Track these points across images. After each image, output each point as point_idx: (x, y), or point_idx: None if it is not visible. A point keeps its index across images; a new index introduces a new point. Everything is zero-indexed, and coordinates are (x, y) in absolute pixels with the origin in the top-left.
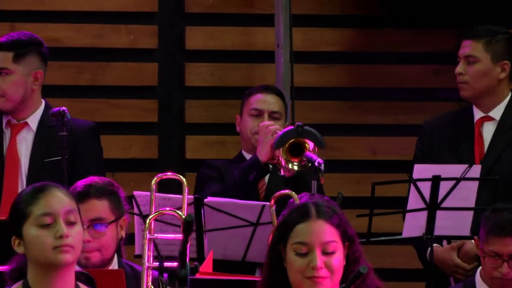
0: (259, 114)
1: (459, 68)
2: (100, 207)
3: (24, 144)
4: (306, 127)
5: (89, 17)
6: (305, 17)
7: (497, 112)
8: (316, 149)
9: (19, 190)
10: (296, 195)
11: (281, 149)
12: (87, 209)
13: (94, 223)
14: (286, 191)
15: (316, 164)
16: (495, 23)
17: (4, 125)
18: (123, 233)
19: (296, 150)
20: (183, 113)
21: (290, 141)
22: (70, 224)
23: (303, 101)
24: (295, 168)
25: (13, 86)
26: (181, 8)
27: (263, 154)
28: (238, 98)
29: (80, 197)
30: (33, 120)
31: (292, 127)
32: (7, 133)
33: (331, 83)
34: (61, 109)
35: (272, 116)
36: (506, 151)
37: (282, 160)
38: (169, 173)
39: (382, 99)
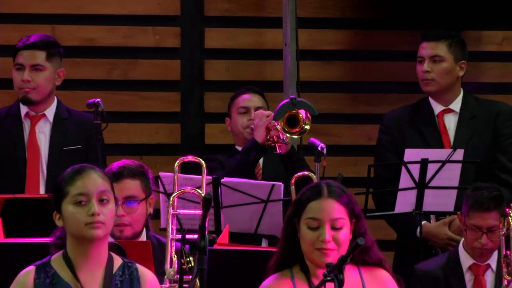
0: (246, 111)
1: (426, 67)
2: (133, 186)
3: (43, 134)
4: (299, 98)
5: (120, 20)
6: (310, 19)
7: (456, 105)
8: (309, 115)
9: (40, 175)
10: (314, 176)
11: (279, 121)
12: (121, 187)
13: (127, 200)
14: (306, 172)
15: (319, 148)
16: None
17: (23, 116)
18: (151, 210)
19: (293, 122)
20: (202, 104)
21: (287, 113)
22: (103, 202)
23: (308, 93)
24: (294, 137)
25: (45, 81)
26: (201, 12)
27: (259, 135)
28: None
29: (115, 177)
30: (50, 113)
31: (288, 100)
32: (26, 124)
33: (332, 78)
34: (96, 100)
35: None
36: (472, 139)
37: (281, 132)
38: (190, 157)
39: (376, 92)
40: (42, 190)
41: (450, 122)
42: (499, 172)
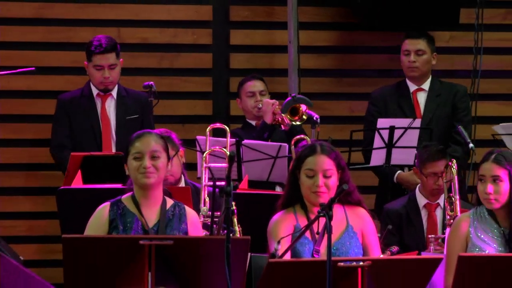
0: (253, 95)
1: (413, 58)
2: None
3: (111, 108)
4: (298, 96)
5: (167, 24)
6: (308, 23)
7: (426, 85)
8: (307, 108)
9: (111, 139)
10: (308, 137)
11: (285, 113)
12: None
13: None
14: (301, 136)
15: (314, 118)
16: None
17: (95, 96)
18: (183, 159)
19: (294, 112)
20: (228, 85)
21: (291, 105)
22: (154, 158)
23: (306, 78)
24: (298, 123)
25: (117, 75)
26: (227, 17)
27: (268, 118)
28: (264, 76)
29: None
30: (114, 92)
31: (290, 98)
32: (98, 102)
33: (325, 66)
34: (150, 83)
35: (261, 93)
36: (436, 111)
37: (286, 119)
38: (218, 124)
39: (358, 76)
40: (113, 150)
41: (421, 98)
42: (455, 135)
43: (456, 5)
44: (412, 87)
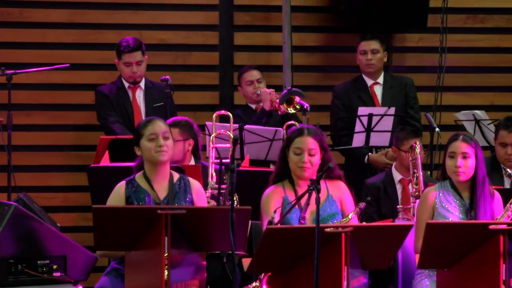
0: (251, 83)
1: (370, 56)
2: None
3: (140, 97)
4: (293, 89)
5: (181, 27)
6: (299, 27)
7: (380, 79)
8: (300, 99)
9: None
10: (297, 123)
11: (282, 103)
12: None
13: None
14: (292, 122)
15: (305, 107)
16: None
17: (127, 88)
18: (190, 148)
19: (290, 102)
20: (232, 79)
21: (287, 97)
22: (165, 138)
23: (298, 73)
24: (292, 111)
25: (143, 69)
26: (232, 22)
27: (266, 105)
28: (263, 71)
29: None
30: (142, 84)
31: (286, 91)
32: (130, 93)
33: (313, 63)
34: (166, 77)
35: (258, 81)
36: (392, 101)
37: (283, 108)
38: (223, 111)
39: (341, 72)
40: None
41: (378, 91)
42: (409, 120)
43: (424, 11)
44: (369, 81)
